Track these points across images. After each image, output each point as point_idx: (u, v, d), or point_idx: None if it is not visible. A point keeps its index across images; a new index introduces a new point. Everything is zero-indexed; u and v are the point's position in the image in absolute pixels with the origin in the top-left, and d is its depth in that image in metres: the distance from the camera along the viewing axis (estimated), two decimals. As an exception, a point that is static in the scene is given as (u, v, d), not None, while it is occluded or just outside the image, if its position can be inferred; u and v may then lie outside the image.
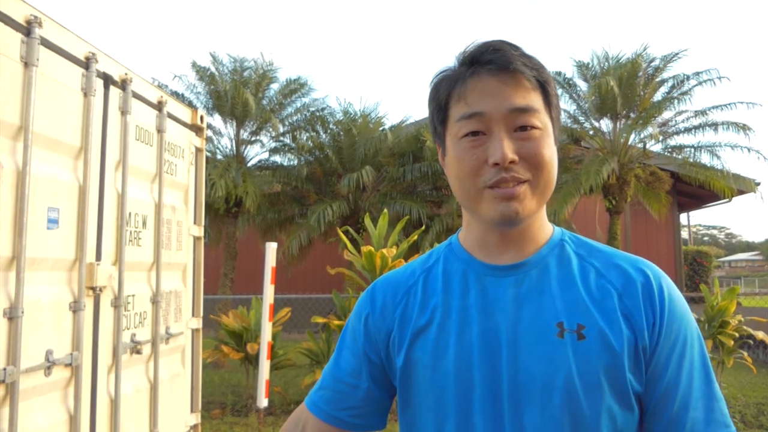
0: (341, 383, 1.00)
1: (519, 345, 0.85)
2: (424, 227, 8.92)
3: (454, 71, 0.90)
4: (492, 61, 0.85)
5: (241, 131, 11.84)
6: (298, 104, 12.53)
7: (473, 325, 0.88)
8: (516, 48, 0.88)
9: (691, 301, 12.65)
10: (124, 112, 2.73)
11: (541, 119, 0.86)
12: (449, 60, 0.94)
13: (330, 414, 1.00)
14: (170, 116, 3.20)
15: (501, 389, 0.84)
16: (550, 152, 0.87)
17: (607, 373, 0.81)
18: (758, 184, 11.20)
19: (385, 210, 6.82)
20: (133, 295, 2.83)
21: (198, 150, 3.61)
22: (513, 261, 0.91)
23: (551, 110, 0.89)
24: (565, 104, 11.75)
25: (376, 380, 0.99)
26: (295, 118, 12.52)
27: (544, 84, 0.87)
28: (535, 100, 0.86)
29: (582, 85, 11.67)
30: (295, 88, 12.31)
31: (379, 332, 0.98)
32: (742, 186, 10.84)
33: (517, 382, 0.83)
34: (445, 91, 0.90)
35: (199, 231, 3.60)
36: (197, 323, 3.56)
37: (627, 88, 10.67)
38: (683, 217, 17.27)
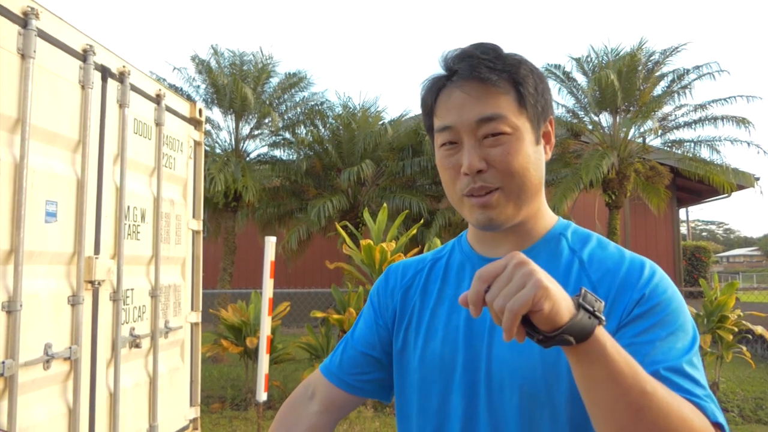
0: (354, 350, 1.07)
1: (496, 334, 0.89)
2: (423, 221, 8.92)
3: (431, 82, 0.93)
4: (458, 72, 0.87)
5: (241, 125, 11.81)
6: (298, 98, 12.50)
7: (461, 312, 0.93)
8: (489, 52, 0.88)
9: (689, 295, 12.68)
10: (122, 105, 2.72)
11: (511, 123, 0.86)
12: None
13: (340, 378, 1.06)
14: (169, 109, 3.19)
15: (479, 374, 0.89)
16: (522, 157, 0.87)
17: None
18: (758, 179, 11.18)
19: (385, 204, 6.81)
20: (132, 289, 2.82)
21: (197, 143, 3.59)
22: (507, 253, 0.92)
23: (527, 110, 0.88)
24: (564, 99, 11.73)
25: (387, 353, 1.04)
26: (294, 112, 12.48)
27: (517, 85, 0.87)
28: (505, 104, 0.86)
29: (581, 79, 11.65)
30: (294, 82, 12.27)
31: (387, 309, 1.05)
32: (741, 181, 10.83)
33: (490, 368, 0.88)
34: (426, 102, 0.94)
35: (198, 225, 3.59)
36: (196, 317, 3.56)
37: (627, 82, 10.64)
38: (682, 213, 17.28)
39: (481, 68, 0.85)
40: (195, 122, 3.56)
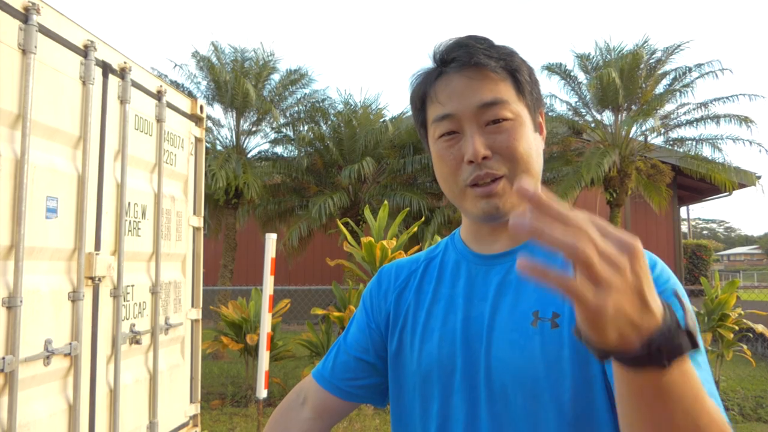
0: (347, 355, 1.04)
1: (494, 333, 0.86)
2: (424, 219, 8.91)
3: (426, 73, 0.91)
4: (456, 59, 0.86)
5: (242, 122, 11.80)
6: (299, 95, 12.49)
7: (458, 312, 0.91)
8: (482, 41, 0.88)
9: (690, 294, 12.68)
10: (123, 101, 2.71)
11: (513, 109, 0.86)
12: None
13: (333, 384, 1.03)
14: (170, 106, 3.18)
15: (478, 375, 0.86)
16: (525, 142, 0.86)
17: (576, 361, 0.80)
18: (759, 177, 11.16)
19: (386, 201, 6.81)
20: (133, 286, 2.82)
21: (198, 140, 3.59)
22: (503, 250, 0.92)
23: (525, 97, 0.88)
24: (566, 96, 11.72)
25: (381, 357, 1.01)
26: (295, 109, 12.47)
27: (513, 72, 0.87)
28: (504, 91, 0.86)
29: (583, 77, 11.63)
30: (295, 78, 12.26)
31: (381, 312, 1.02)
32: (742, 179, 10.81)
33: (490, 369, 0.85)
34: (418, 94, 0.92)
35: (199, 222, 3.58)
36: (197, 314, 3.55)
37: (628, 80, 10.62)
38: (683, 211, 17.26)
39: (480, 55, 0.85)
40: (196, 119, 3.55)
